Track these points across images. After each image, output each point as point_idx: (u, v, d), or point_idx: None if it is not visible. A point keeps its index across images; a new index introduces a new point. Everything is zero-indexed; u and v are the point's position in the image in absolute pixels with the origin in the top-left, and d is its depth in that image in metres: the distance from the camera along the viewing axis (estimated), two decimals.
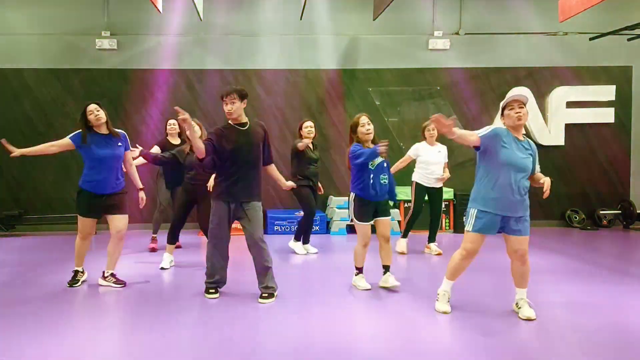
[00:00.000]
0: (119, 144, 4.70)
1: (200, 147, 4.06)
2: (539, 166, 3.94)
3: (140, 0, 8.50)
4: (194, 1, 7.16)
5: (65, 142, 4.66)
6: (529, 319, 3.80)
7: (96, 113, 4.62)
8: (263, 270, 4.38)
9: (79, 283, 4.87)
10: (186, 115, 3.88)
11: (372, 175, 4.54)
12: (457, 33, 9.02)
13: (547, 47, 8.99)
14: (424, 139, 6.48)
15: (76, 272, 4.91)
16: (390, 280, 4.71)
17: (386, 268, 4.75)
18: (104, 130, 4.68)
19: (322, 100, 8.95)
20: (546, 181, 3.83)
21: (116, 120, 8.52)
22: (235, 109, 4.22)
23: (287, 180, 5.07)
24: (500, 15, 9.01)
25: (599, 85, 8.94)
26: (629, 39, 8.42)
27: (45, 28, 8.67)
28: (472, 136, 3.77)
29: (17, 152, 4.59)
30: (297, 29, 8.78)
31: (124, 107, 8.69)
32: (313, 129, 6.35)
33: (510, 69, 9.02)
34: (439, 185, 6.42)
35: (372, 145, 4.62)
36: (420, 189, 6.46)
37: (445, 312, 3.96)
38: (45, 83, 8.64)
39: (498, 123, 7.78)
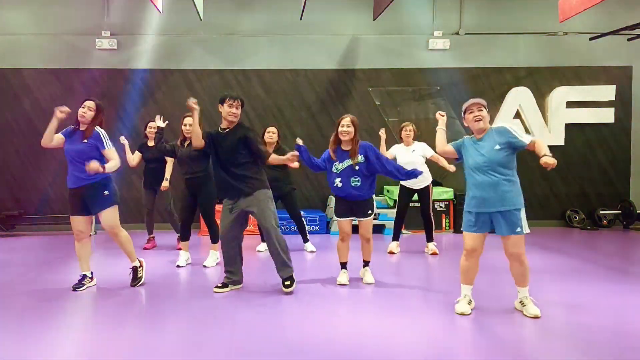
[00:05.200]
0: (84, 140, 4.59)
1: (198, 132, 4.49)
2: (528, 137, 3.79)
3: (140, 0, 8.50)
4: (194, 1, 7.16)
5: (58, 136, 4.69)
6: (535, 317, 3.79)
7: (84, 111, 4.62)
8: (273, 258, 4.65)
9: (83, 287, 4.69)
10: (196, 106, 4.42)
11: (338, 178, 4.77)
12: (457, 33, 9.03)
13: (547, 47, 9.00)
14: (402, 140, 6.49)
15: (83, 276, 4.76)
16: (366, 275, 5.04)
17: (365, 262, 5.11)
18: (83, 127, 4.65)
19: (322, 100, 8.94)
20: (545, 159, 3.54)
21: (116, 120, 8.54)
22: (239, 114, 4.61)
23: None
24: (500, 15, 9.01)
25: (599, 85, 8.95)
26: (629, 39, 8.42)
27: (45, 28, 8.68)
28: (449, 147, 4.19)
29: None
30: (297, 29, 8.78)
31: (124, 107, 8.69)
32: (275, 135, 6.37)
33: (510, 69, 9.02)
34: (423, 184, 6.34)
35: (351, 147, 4.72)
36: (402, 191, 6.52)
37: (463, 313, 3.90)
38: (45, 83, 8.64)
39: (499, 123, 7.81)
